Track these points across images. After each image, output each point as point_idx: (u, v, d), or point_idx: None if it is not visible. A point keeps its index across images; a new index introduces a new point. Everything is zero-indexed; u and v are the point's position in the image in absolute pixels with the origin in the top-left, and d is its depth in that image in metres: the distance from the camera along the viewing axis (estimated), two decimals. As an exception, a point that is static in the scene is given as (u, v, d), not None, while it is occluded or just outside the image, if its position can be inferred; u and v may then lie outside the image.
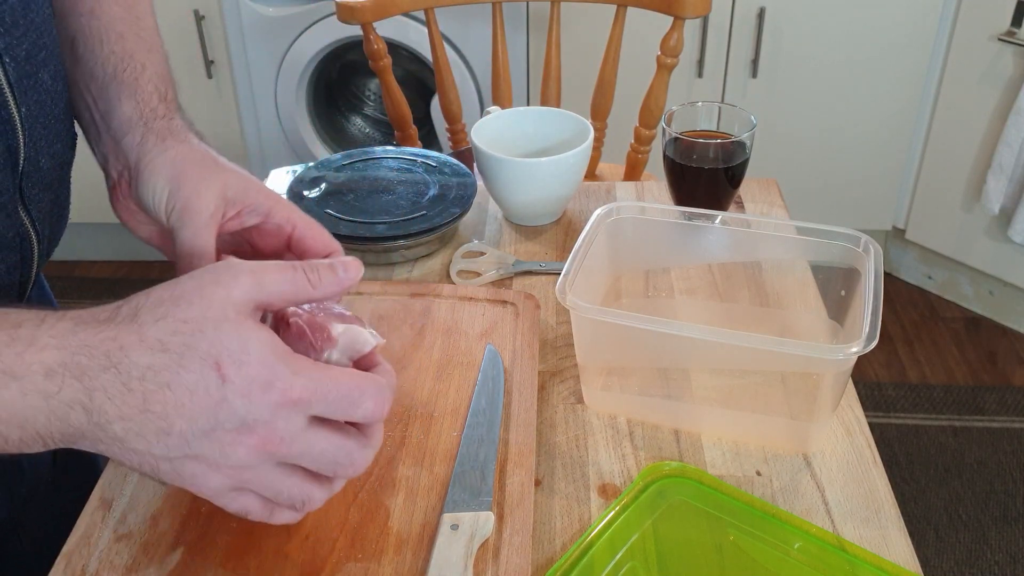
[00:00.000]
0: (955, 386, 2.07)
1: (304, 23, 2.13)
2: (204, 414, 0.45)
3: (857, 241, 0.73)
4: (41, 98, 0.61)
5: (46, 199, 0.64)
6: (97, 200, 2.72)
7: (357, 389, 0.49)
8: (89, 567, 0.59)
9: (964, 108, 2.09)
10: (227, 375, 0.45)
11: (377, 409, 0.50)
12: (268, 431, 0.47)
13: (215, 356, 0.45)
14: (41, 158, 0.62)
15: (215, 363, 0.45)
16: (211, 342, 0.46)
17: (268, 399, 0.46)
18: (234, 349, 0.46)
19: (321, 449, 0.49)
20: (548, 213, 0.98)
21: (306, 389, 0.47)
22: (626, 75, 1.67)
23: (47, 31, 0.61)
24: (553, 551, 0.62)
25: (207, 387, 0.45)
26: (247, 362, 0.46)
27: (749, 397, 0.73)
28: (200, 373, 0.45)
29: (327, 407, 0.48)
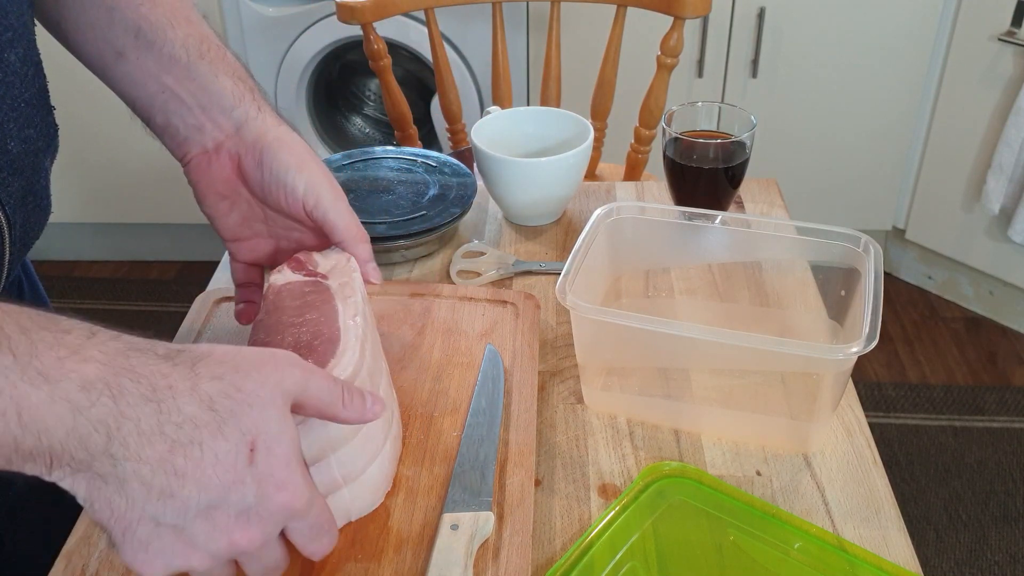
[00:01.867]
0: (955, 386, 2.07)
1: (304, 23, 2.12)
2: (218, 488, 0.44)
3: (857, 241, 0.73)
4: (8, 79, 0.61)
5: (17, 184, 0.64)
6: (97, 200, 2.70)
7: (327, 523, 0.50)
8: (89, 567, 0.59)
9: (964, 108, 2.09)
10: (256, 459, 0.45)
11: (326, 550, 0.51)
12: (261, 530, 0.46)
13: (253, 435, 0.45)
14: (10, 141, 0.62)
15: (251, 441, 0.45)
16: (255, 421, 0.45)
17: (277, 498, 0.46)
18: (271, 436, 0.46)
19: (272, 560, 0.49)
20: (548, 213, 0.98)
21: (307, 504, 0.47)
22: (626, 75, 1.67)
23: (15, 12, 0.61)
24: (553, 551, 0.62)
25: (234, 462, 0.44)
26: (276, 454, 0.46)
27: (749, 397, 0.73)
28: (235, 445, 0.45)
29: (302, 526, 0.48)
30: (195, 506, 0.44)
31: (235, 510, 0.45)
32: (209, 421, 0.44)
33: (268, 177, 0.63)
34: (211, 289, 0.86)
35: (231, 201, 0.66)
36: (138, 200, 2.36)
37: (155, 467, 0.43)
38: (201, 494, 0.44)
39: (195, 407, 0.44)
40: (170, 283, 2.48)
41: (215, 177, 0.65)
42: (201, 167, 0.65)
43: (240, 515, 0.45)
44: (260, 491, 0.45)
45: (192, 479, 0.44)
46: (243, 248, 0.69)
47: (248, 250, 0.69)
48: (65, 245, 2.56)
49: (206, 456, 0.44)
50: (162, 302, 2.40)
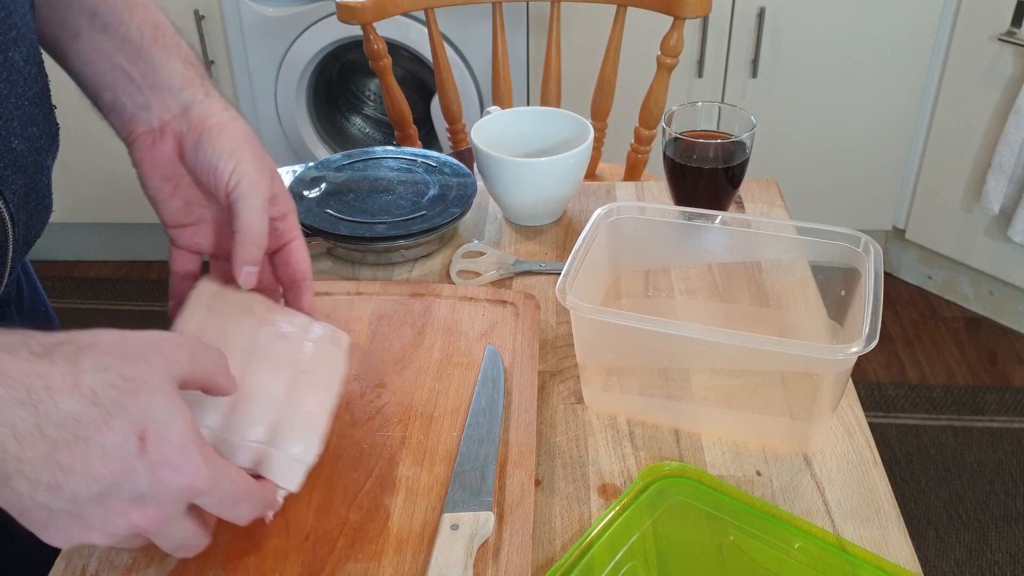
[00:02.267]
0: (955, 386, 2.07)
1: (304, 23, 2.12)
2: (108, 478, 0.44)
3: (857, 241, 0.73)
4: (12, 77, 0.61)
5: (20, 183, 0.64)
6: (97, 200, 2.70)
7: (243, 491, 0.51)
8: (89, 567, 0.59)
9: (964, 108, 2.09)
10: (147, 447, 0.45)
11: (250, 516, 0.52)
12: (158, 511, 0.46)
13: (143, 424, 0.45)
14: (13, 139, 0.62)
15: (140, 430, 0.45)
16: (144, 408, 0.45)
17: (174, 482, 0.46)
18: (161, 421, 0.46)
19: (182, 534, 0.49)
20: (548, 213, 0.98)
21: (209, 481, 0.47)
22: (626, 75, 1.67)
23: (18, 11, 0.62)
24: (553, 551, 0.62)
25: (123, 452, 0.44)
26: (168, 439, 0.46)
27: (749, 397, 0.73)
28: (123, 436, 0.44)
29: (212, 500, 0.49)
30: (85, 496, 0.44)
31: (128, 496, 0.45)
32: (94, 416, 0.44)
33: (202, 159, 0.63)
34: (202, 282, 0.85)
35: (174, 184, 0.66)
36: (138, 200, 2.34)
37: (39, 465, 0.43)
38: (90, 485, 0.44)
39: (76, 404, 0.43)
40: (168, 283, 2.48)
41: (158, 158, 0.65)
42: (145, 147, 0.65)
43: (135, 500, 0.45)
44: (153, 477, 0.45)
45: (80, 473, 0.43)
46: (185, 234, 0.68)
47: (189, 236, 0.68)
48: (65, 245, 2.56)
49: (92, 450, 0.43)
50: (162, 302, 2.39)
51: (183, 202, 0.67)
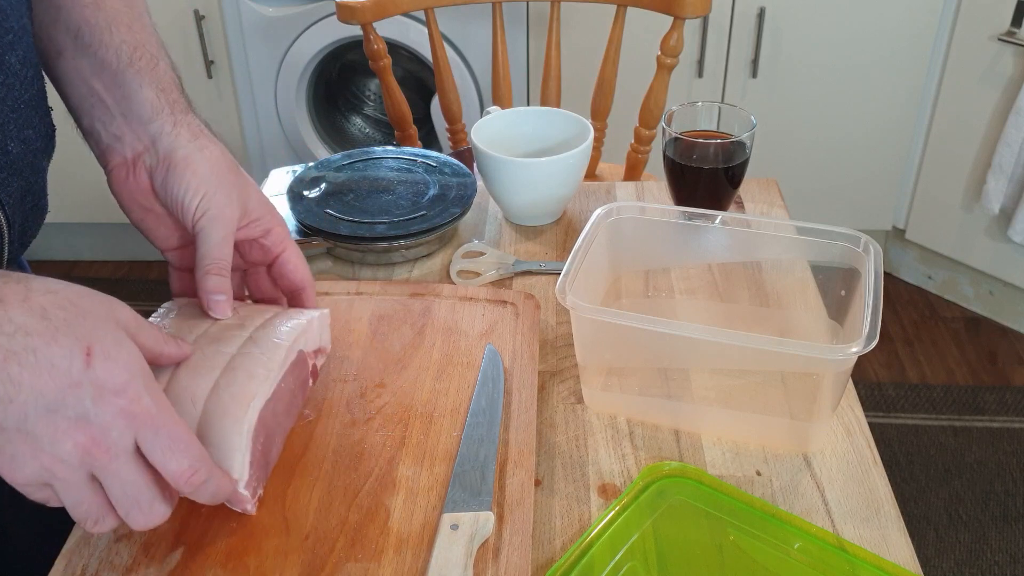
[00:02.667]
0: (955, 386, 2.07)
1: (304, 23, 2.12)
2: (55, 391, 0.45)
3: (857, 241, 0.73)
4: (8, 80, 0.61)
5: (16, 185, 0.64)
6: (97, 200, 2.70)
7: (184, 443, 0.50)
8: (89, 567, 0.59)
9: (964, 108, 2.09)
10: (93, 364, 0.46)
11: (188, 471, 0.50)
12: (101, 434, 0.47)
13: (89, 341, 0.46)
14: (10, 142, 0.62)
15: (87, 347, 0.46)
16: (90, 329, 0.47)
17: (115, 402, 0.47)
18: (108, 344, 0.47)
19: (132, 480, 0.49)
20: (548, 213, 0.98)
21: (148, 411, 0.48)
22: (626, 75, 1.66)
23: (15, 15, 0.62)
24: (553, 551, 0.62)
25: (69, 366, 0.46)
26: (115, 360, 0.47)
27: (749, 397, 0.73)
28: (69, 350, 0.46)
29: (154, 439, 0.49)
30: (33, 410, 0.45)
31: (73, 413, 0.46)
32: (43, 329, 0.45)
33: (170, 195, 0.63)
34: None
35: (155, 213, 0.66)
36: (138, 200, 2.35)
37: None
38: (38, 399, 0.45)
39: (26, 317, 0.45)
40: (168, 284, 2.48)
41: (134, 190, 0.65)
42: (120, 178, 0.65)
43: (80, 419, 0.46)
44: (97, 395, 0.46)
45: (28, 386, 0.45)
46: (181, 256, 0.69)
47: (183, 258, 0.69)
48: (65, 245, 2.56)
49: (40, 362, 0.45)
50: (162, 302, 2.39)
51: (170, 228, 0.67)
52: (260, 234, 0.67)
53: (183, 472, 0.50)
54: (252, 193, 0.66)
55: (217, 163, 0.64)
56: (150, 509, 0.51)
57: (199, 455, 0.51)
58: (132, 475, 0.49)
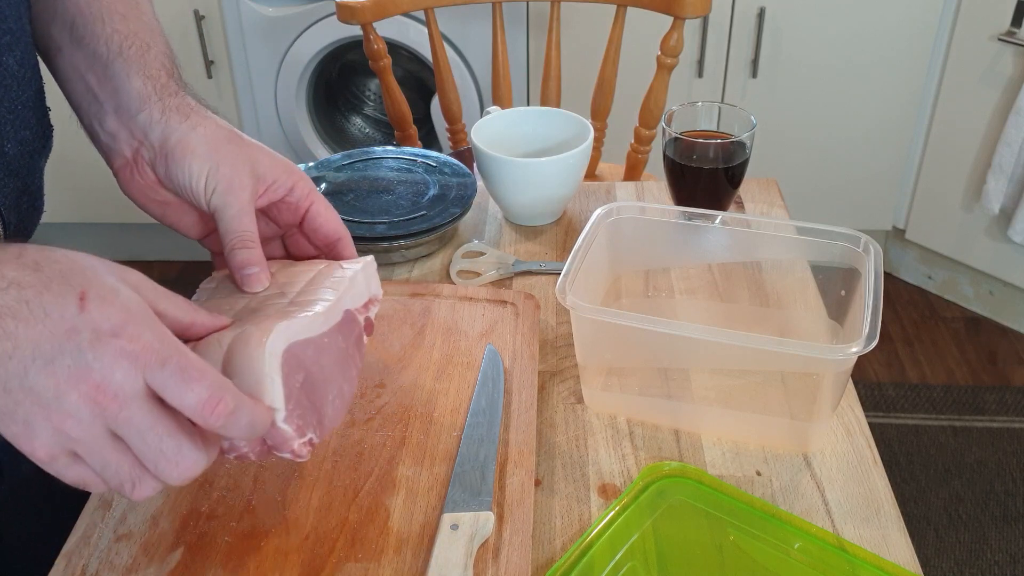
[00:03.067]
0: (955, 386, 2.07)
1: (304, 23, 2.12)
2: (51, 340, 0.44)
3: (857, 241, 0.73)
4: (6, 81, 0.61)
5: (12, 185, 0.64)
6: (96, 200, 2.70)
7: (197, 371, 0.46)
8: (89, 567, 0.59)
9: (964, 108, 2.09)
10: (88, 307, 0.44)
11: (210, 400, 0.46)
12: (104, 379, 0.44)
13: (84, 287, 0.45)
14: (7, 143, 0.62)
15: (81, 292, 0.45)
16: (86, 278, 0.45)
17: (114, 344, 0.44)
18: (105, 288, 0.46)
19: (149, 425, 0.46)
20: (548, 213, 0.98)
21: (150, 346, 0.45)
22: (626, 75, 1.66)
23: (13, 16, 0.61)
24: (553, 551, 0.62)
25: (63, 312, 0.44)
26: (111, 303, 0.45)
27: (749, 397, 0.73)
28: (62, 297, 0.44)
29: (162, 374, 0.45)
30: (32, 364, 0.44)
31: (71, 361, 0.44)
32: (35, 281, 0.44)
33: (176, 183, 0.62)
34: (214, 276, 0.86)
35: (172, 205, 0.65)
36: (138, 200, 2.35)
37: None
38: (35, 351, 0.44)
39: (20, 271, 0.44)
40: (172, 283, 2.46)
41: (143, 186, 0.64)
42: (127, 178, 0.64)
43: (80, 367, 0.44)
44: (94, 338, 0.44)
45: (23, 337, 0.43)
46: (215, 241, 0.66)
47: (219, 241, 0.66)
48: (64, 245, 2.54)
49: (34, 312, 0.44)
50: (162, 302, 2.39)
51: (193, 216, 0.66)
52: (284, 194, 0.64)
53: (204, 401, 0.46)
54: (261, 156, 0.63)
55: (213, 138, 0.62)
56: (178, 456, 0.47)
57: (218, 381, 0.47)
58: (147, 420, 0.46)
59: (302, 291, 0.59)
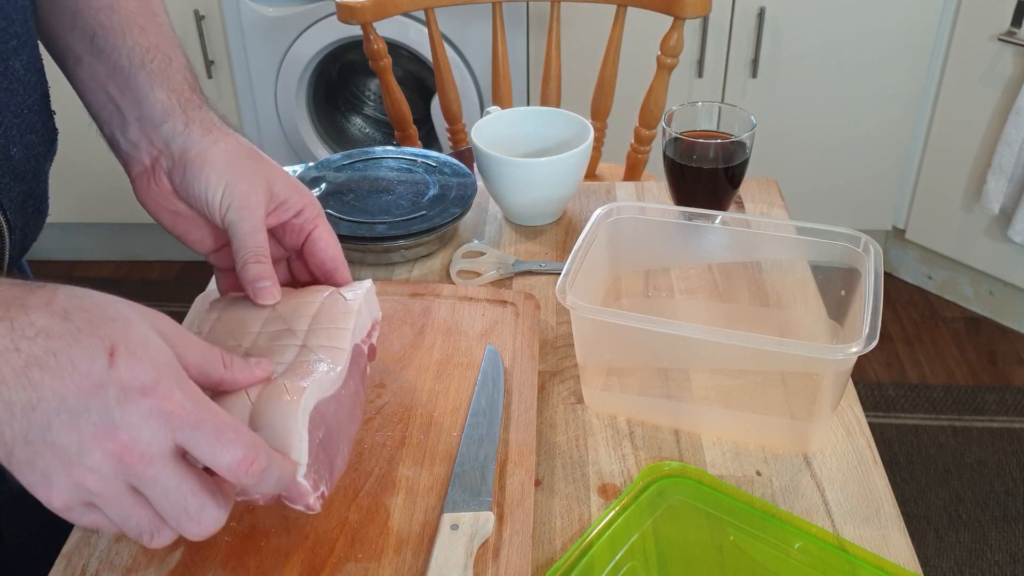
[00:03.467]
0: (955, 386, 2.07)
1: (304, 23, 2.12)
2: (77, 394, 0.43)
3: (857, 241, 0.73)
4: (12, 86, 0.61)
5: (18, 189, 0.64)
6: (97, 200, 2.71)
7: (232, 431, 0.46)
8: (89, 567, 0.59)
9: (964, 108, 2.09)
10: (117, 363, 0.43)
11: (244, 460, 0.46)
12: (131, 438, 0.43)
13: (113, 341, 0.44)
14: (13, 147, 0.62)
15: (111, 347, 0.44)
16: (116, 330, 0.44)
17: (143, 403, 0.44)
18: (135, 343, 0.44)
19: (175, 486, 0.45)
20: (548, 213, 0.98)
21: (182, 406, 0.44)
22: (626, 75, 1.66)
23: (19, 20, 0.61)
24: (553, 551, 0.62)
25: (91, 367, 0.43)
26: (141, 359, 0.44)
27: (749, 397, 0.73)
28: (91, 350, 0.43)
29: (196, 436, 0.45)
30: (57, 417, 0.43)
31: (98, 418, 0.43)
32: (64, 332, 0.43)
33: (192, 194, 0.62)
34: (211, 289, 0.86)
35: (185, 217, 0.65)
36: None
37: (13, 384, 0.42)
38: (61, 404, 0.43)
39: (49, 319, 0.43)
40: (170, 283, 2.48)
41: (158, 195, 0.64)
42: (144, 186, 0.64)
43: (106, 424, 0.43)
44: (123, 396, 0.43)
45: (50, 389, 0.42)
46: (221, 257, 0.67)
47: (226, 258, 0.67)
48: (65, 245, 2.56)
49: (62, 364, 0.43)
50: (162, 302, 2.39)
51: (204, 229, 0.66)
52: (292, 215, 0.65)
53: (239, 462, 0.45)
54: (276, 176, 0.64)
55: (233, 153, 0.63)
56: (200, 515, 0.46)
57: (252, 441, 0.47)
58: (173, 480, 0.45)
59: (311, 331, 0.59)
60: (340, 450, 0.58)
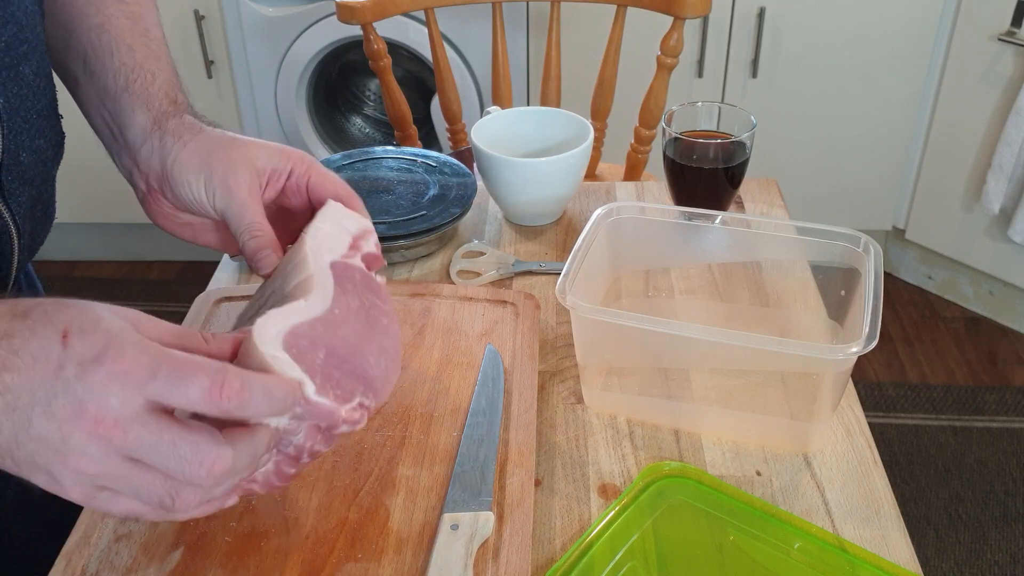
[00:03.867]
0: (955, 386, 2.07)
1: (304, 23, 2.12)
2: (42, 384, 0.43)
3: (857, 241, 0.73)
4: (22, 91, 0.61)
5: (27, 194, 0.64)
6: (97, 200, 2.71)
7: (191, 364, 0.45)
8: (89, 567, 0.59)
9: (964, 108, 2.09)
10: (70, 341, 0.44)
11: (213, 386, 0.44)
12: (100, 409, 0.43)
13: (66, 324, 0.44)
14: (22, 152, 0.62)
15: (63, 330, 0.44)
16: (70, 315, 0.45)
17: (100, 371, 0.44)
18: (86, 321, 0.45)
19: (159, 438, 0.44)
20: (548, 213, 0.98)
21: (136, 361, 0.44)
22: (626, 75, 1.66)
23: (29, 26, 0.62)
24: (553, 551, 0.62)
25: (48, 353, 0.44)
26: (92, 332, 0.44)
27: (749, 397, 0.73)
28: (46, 339, 0.44)
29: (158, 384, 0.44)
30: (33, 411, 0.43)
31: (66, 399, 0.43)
32: (22, 328, 0.44)
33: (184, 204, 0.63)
34: (211, 289, 0.86)
35: (198, 226, 0.66)
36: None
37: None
38: (32, 398, 0.43)
39: (10, 322, 0.44)
40: (170, 283, 2.48)
41: (166, 214, 0.65)
42: (151, 209, 0.65)
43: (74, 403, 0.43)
44: (80, 370, 0.43)
45: (20, 387, 0.43)
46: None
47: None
48: (65, 245, 2.56)
49: (24, 361, 0.44)
50: (162, 302, 2.40)
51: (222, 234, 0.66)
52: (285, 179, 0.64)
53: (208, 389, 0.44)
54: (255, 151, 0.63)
55: (203, 148, 0.62)
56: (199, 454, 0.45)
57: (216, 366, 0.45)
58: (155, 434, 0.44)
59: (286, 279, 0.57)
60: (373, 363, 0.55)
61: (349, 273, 0.58)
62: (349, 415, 0.51)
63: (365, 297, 0.57)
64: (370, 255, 0.61)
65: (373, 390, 0.54)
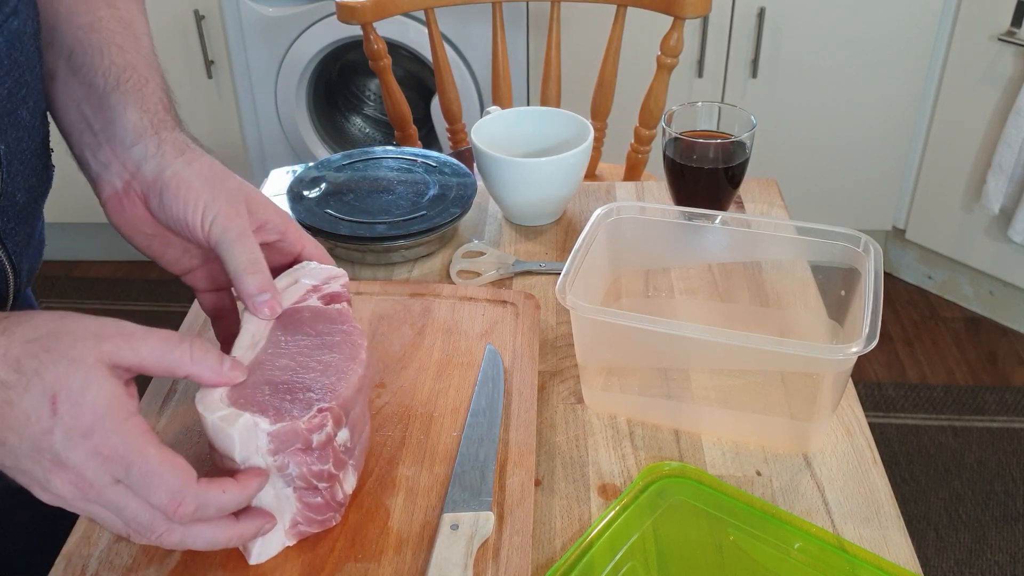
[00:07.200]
0: (955, 386, 2.07)
1: (304, 23, 2.12)
2: (32, 438, 0.48)
3: (857, 241, 0.73)
4: (20, 134, 0.61)
5: (22, 233, 0.64)
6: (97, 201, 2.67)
7: (158, 475, 0.50)
8: (89, 567, 0.59)
9: (964, 108, 2.09)
10: (59, 410, 0.48)
11: (170, 504, 0.50)
12: (78, 475, 0.49)
13: (55, 389, 0.48)
14: (17, 192, 0.62)
15: (52, 396, 0.48)
16: (57, 376, 0.49)
17: (85, 446, 0.49)
18: (74, 389, 0.49)
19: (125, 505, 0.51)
20: (548, 213, 0.98)
21: (115, 450, 0.49)
22: (626, 75, 1.66)
23: (30, 68, 0.61)
24: (553, 551, 0.62)
25: (39, 415, 0.48)
26: (80, 404, 0.49)
27: (749, 397, 0.73)
28: (38, 401, 0.48)
29: (129, 478, 0.50)
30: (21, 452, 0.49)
31: (51, 456, 0.49)
32: (15, 382, 0.48)
33: (170, 215, 0.61)
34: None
35: (159, 239, 0.64)
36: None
37: None
38: (20, 442, 0.49)
39: (4, 371, 0.48)
40: (170, 283, 2.48)
41: (132, 218, 0.63)
42: (115, 209, 0.63)
43: (58, 463, 0.49)
44: (67, 439, 0.49)
45: (12, 431, 0.48)
46: (198, 277, 0.67)
47: (203, 279, 0.67)
48: (65, 245, 2.56)
49: (16, 412, 0.48)
50: (162, 302, 2.40)
51: (179, 251, 0.65)
52: (276, 238, 0.64)
53: (165, 505, 0.50)
54: (253, 195, 0.63)
55: (208, 171, 0.62)
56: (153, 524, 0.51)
57: (178, 485, 0.50)
58: (123, 501, 0.50)
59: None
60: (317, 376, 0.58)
61: (296, 315, 0.62)
62: (310, 423, 0.55)
63: (313, 327, 0.61)
64: (331, 294, 0.64)
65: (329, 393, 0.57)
